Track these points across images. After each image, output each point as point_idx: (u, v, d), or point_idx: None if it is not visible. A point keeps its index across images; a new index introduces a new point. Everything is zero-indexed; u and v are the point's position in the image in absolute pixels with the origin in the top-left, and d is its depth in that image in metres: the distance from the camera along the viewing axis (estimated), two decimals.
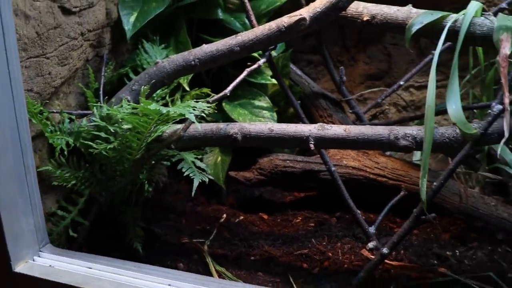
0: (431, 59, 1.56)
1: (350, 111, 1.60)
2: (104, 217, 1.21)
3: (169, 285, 0.85)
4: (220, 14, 1.48)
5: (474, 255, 1.33)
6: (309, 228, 1.42)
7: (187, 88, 1.36)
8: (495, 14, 1.25)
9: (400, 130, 1.13)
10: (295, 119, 1.49)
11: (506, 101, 1.03)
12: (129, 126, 1.05)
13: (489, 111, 1.06)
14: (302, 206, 1.53)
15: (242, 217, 1.45)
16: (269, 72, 1.51)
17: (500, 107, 1.04)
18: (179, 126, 1.13)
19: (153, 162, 1.20)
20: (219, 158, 1.47)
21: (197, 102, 1.02)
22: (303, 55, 1.85)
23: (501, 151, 1.35)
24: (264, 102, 1.49)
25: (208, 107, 1.03)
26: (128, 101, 1.16)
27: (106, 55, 1.34)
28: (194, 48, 1.30)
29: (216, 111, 1.31)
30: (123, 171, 1.14)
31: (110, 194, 1.16)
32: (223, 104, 1.46)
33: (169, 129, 1.14)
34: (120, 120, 1.09)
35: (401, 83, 1.64)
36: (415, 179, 1.43)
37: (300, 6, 1.32)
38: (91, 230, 1.18)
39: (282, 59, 1.53)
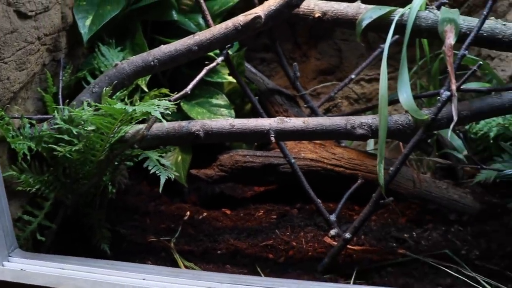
0: (380, 53, 1.66)
1: (305, 105, 1.67)
2: (70, 220, 1.22)
3: (144, 279, 0.88)
4: (175, 15, 1.51)
5: (430, 236, 1.42)
6: (271, 220, 1.47)
7: (146, 89, 1.38)
8: (438, 8, 1.34)
9: (356, 120, 1.20)
10: (252, 116, 1.54)
11: (453, 87, 1.11)
12: (93, 127, 1.06)
13: (438, 97, 1.14)
14: (263, 199, 1.58)
15: (205, 214, 1.48)
16: (225, 71, 1.55)
17: (448, 93, 1.12)
18: (142, 126, 1.15)
19: (116, 163, 1.21)
20: (180, 157, 1.49)
21: (160, 100, 1.04)
22: (256, 53, 1.91)
23: (450, 136, 1.45)
24: (221, 100, 1.53)
25: (168, 106, 1.05)
26: (89, 103, 1.17)
27: (63, 59, 1.35)
28: (151, 49, 1.33)
29: (175, 111, 1.34)
30: (87, 173, 1.16)
31: (76, 196, 1.17)
32: (182, 104, 1.49)
33: (132, 129, 1.16)
34: (83, 122, 1.10)
35: (352, 76, 1.72)
36: (371, 168, 1.51)
37: (252, 6, 1.37)
38: (58, 234, 1.18)
39: (236, 58, 1.57)
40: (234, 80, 1.51)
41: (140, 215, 1.44)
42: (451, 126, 1.07)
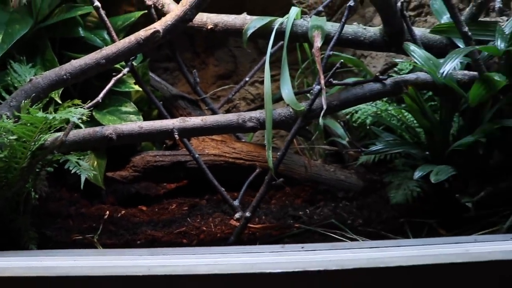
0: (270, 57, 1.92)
1: (206, 108, 1.89)
2: None
3: (75, 260, 1.05)
4: (81, 32, 1.68)
5: (322, 212, 1.68)
6: (183, 211, 1.68)
7: (59, 101, 1.54)
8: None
9: (246, 115, 1.44)
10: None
11: (322, 82, 1.37)
12: (15, 136, 1.22)
13: (311, 91, 1.41)
14: (175, 195, 1.79)
15: (123, 212, 1.66)
16: (132, 81, 1.74)
17: (319, 87, 1.38)
18: (60, 133, 1.32)
19: (37, 169, 1.37)
20: (95, 162, 1.66)
21: (76, 108, 1.22)
22: (159, 63, 2.11)
23: (333, 126, 1.72)
24: (130, 107, 1.71)
25: (84, 112, 1.23)
26: (8, 116, 1.32)
27: None
28: (61, 64, 1.49)
29: (89, 120, 1.51)
30: (11, 180, 1.30)
31: (1, 202, 1.31)
32: (94, 113, 1.65)
33: (51, 136, 1.32)
34: (4, 133, 1.25)
35: (247, 79, 1.97)
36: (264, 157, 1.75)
37: (153, 20, 1.57)
38: None
39: (141, 68, 1.76)
40: (141, 89, 1.71)
41: (63, 218, 1.59)
42: (321, 114, 1.33)
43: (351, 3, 1.39)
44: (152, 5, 1.65)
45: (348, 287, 0.93)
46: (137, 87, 1.72)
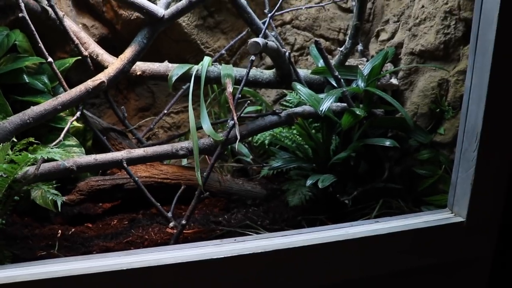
0: (183, 92, 2.36)
1: (133, 137, 2.28)
2: None
3: (64, 264, 1.42)
4: (26, 78, 2.00)
5: (236, 217, 2.14)
6: (124, 225, 2.05)
7: (15, 140, 1.86)
8: (220, 58, 2.10)
9: (178, 145, 1.88)
10: (94, 150, 2.11)
11: (235, 118, 1.85)
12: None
13: (227, 124, 1.88)
14: (112, 212, 2.14)
15: (73, 229, 1.99)
16: (69, 118, 2.09)
17: (232, 122, 1.86)
18: (32, 167, 1.67)
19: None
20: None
21: (51, 148, 1.59)
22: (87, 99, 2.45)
23: (238, 147, 2.20)
24: (72, 141, 2.05)
25: (61, 152, 1.60)
26: None
27: None
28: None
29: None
30: None
31: None
32: (41, 147, 1.99)
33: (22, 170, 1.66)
34: None
35: (165, 111, 2.38)
36: (189, 176, 2.18)
37: (85, 65, 1.95)
38: None
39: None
40: (76, 124, 2.08)
41: (21, 239, 1.90)
42: (237, 142, 1.81)
43: (252, 58, 1.89)
44: (88, 55, 2.03)
45: (271, 265, 1.43)
46: (75, 123, 2.08)
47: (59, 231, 1.98)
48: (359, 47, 2.35)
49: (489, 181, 1.70)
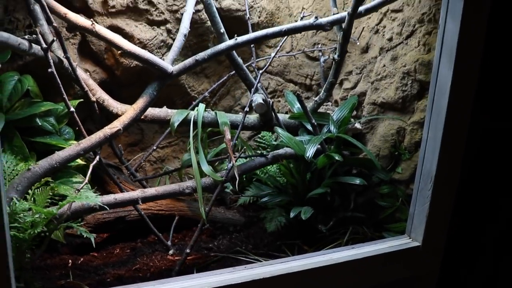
0: (169, 131, 2.66)
1: (128, 172, 2.57)
2: None
3: None
4: (38, 121, 2.24)
5: (223, 243, 2.47)
6: (127, 253, 2.33)
7: None
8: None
9: (184, 185, 2.19)
10: (92, 183, 2.38)
11: (233, 161, 2.19)
12: (37, 215, 1.81)
13: (226, 166, 2.23)
14: (112, 242, 2.42)
15: (81, 259, 2.26)
16: None
17: (231, 164, 2.20)
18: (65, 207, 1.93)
19: None
20: None
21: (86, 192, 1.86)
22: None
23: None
24: (79, 178, 2.30)
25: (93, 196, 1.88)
26: (17, 199, 1.89)
27: None
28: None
29: None
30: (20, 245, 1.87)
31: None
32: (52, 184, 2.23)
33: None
34: (23, 212, 1.83)
35: (154, 148, 2.68)
36: (180, 207, 2.49)
37: (93, 109, 2.24)
38: None
39: None
40: (79, 160, 2.34)
41: (37, 270, 2.14)
42: (237, 182, 2.16)
43: (247, 109, 2.25)
44: (95, 101, 2.29)
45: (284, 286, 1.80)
46: (79, 160, 2.34)
47: (69, 260, 2.23)
48: (328, 100, 2.78)
49: (440, 213, 2.16)
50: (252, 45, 2.55)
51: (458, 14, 1.90)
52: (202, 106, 2.37)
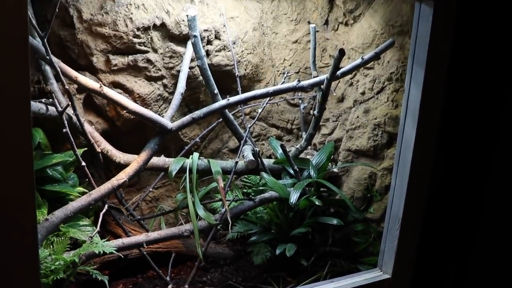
0: (164, 174, 2.97)
1: (128, 213, 2.86)
2: None
3: None
4: (49, 171, 2.50)
5: (215, 276, 2.77)
6: None
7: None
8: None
9: (183, 228, 2.50)
10: (94, 224, 2.67)
11: (226, 207, 2.51)
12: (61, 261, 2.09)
13: (220, 212, 2.54)
14: (114, 278, 2.70)
15: None
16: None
17: (224, 209, 2.52)
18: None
19: None
20: None
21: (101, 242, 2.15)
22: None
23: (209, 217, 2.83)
24: (86, 221, 2.58)
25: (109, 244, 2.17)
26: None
27: None
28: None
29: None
30: None
31: None
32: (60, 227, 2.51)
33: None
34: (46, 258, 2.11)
35: (150, 189, 2.99)
36: (176, 245, 2.79)
37: (98, 159, 2.53)
38: None
39: None
40: None
41: None
42: (230, 224, 2.48)
43: (237, 159, 2.57)
44: (100, 151, 2.58)
45: None
46: None
47: None
48: (304, 134, 3.12)
49: (407, 250, 2.51)
50: (238, 88, 2.87)
51: (420, 82, 2.26)
52: (196, 155, 2.68)
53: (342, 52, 2.36)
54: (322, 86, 2.55)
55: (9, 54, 1.35)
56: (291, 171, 2.80)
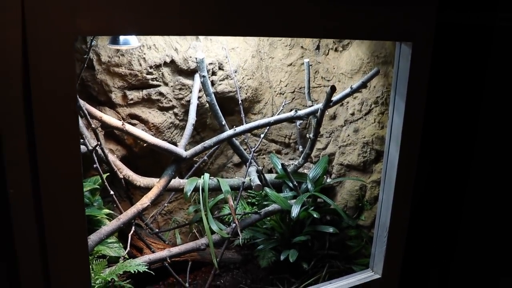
0: (172, 195, 3.37)
1: (145, 227, 3.25)
2: None
3: None
4: None
5: (227, 279, 3.20)
6: None
7: None
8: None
9: (199, 242, 2.91)
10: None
11: (236, 222, 2.92)
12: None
13: (231, 226, 2.95)
14: (140, 286, 3.12)
15: None
16: (106, 220, 3.03)
17: (235, 224, 2.92)
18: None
19: None
20: None
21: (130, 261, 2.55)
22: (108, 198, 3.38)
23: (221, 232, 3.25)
24: (113, 239, 3.00)
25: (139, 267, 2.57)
26: None
27: None
28: None
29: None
30: None
31: None
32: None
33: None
34: None
35: (165, 204, 3.38)
36: (192, 254, 3.22)
37: (121, 184, 2.93)
38: None
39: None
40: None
41: None
42: (240, 237, 2.89)
43: (243, 180, 2.97)
44: (123, 177, 2.97)
45: None
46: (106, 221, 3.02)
47: None
48: (300, 147, 3.53)
49: (394, 253, 2.94)
50: (242, 114, 3.27)
51: (401, 112, 2.66)
52: (207, 175, 3.08)
53: (333, 89, 2.75)
54: (317, 114, 2.94)
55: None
56: (291, 184, 3.21)
